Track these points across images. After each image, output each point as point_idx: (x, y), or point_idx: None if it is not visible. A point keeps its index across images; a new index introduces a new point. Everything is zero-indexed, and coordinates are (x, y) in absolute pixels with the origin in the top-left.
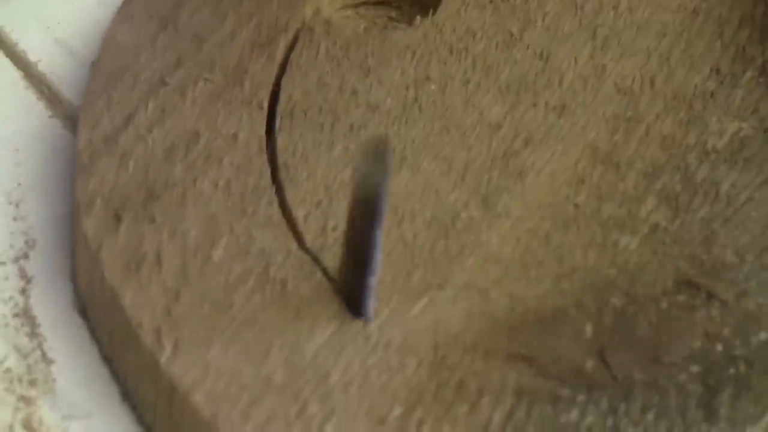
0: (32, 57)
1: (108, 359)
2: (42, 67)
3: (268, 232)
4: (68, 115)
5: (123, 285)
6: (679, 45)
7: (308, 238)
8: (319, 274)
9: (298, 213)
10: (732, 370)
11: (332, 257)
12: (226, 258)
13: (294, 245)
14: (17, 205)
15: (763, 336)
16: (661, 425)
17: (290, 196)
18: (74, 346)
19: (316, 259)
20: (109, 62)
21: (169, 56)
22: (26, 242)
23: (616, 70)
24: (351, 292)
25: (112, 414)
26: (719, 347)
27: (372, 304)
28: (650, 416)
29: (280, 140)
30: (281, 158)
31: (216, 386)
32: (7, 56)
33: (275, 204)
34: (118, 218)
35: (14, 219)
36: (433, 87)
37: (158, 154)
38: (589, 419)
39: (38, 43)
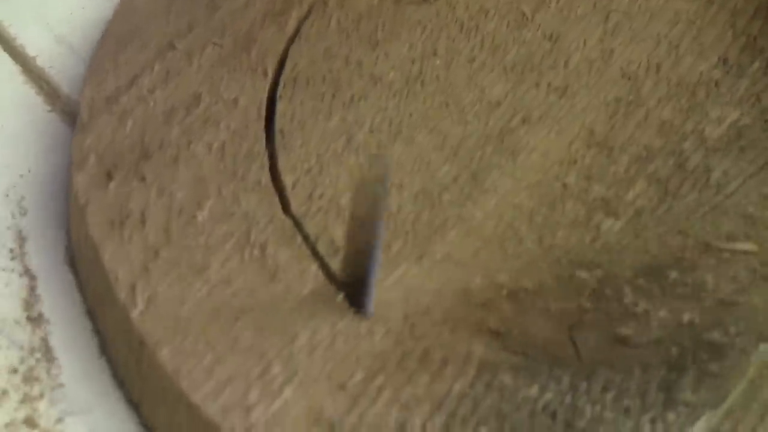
0: (31, 51)
1: (91, 312)
2: (41, 61)
3: (255, 196)
4: (67, 109)
5: (105, 240)
6: (690, 33)
7: (294, 204)
8: (299, 240)
9: (287, 179)
10: (699, 356)
11: (315, 224)
12: (210, 220)
13: (279, 210)
14: (16, 199)
15: (733, 323)
16: (619, 405)
17: (282, 162)
18: (78, 342)
19: (298, 225)
20: (121, 24)
21: (182, 21)
22: (24, 236)
23: (624, 54)
24: (352, 286)
25: (111, 409)
26: (689, 332)
27: (373, 299)
28: (609, 396)
29: (280, 107)
30: (279, 124)
31: (183, 344)
32: (5, 51)
33: (266, 169)
34: (109, 176)
35: (13, 213)
36: (438, 62)
37: (158, 115)
38: (548, 395)
39: (37, 38)
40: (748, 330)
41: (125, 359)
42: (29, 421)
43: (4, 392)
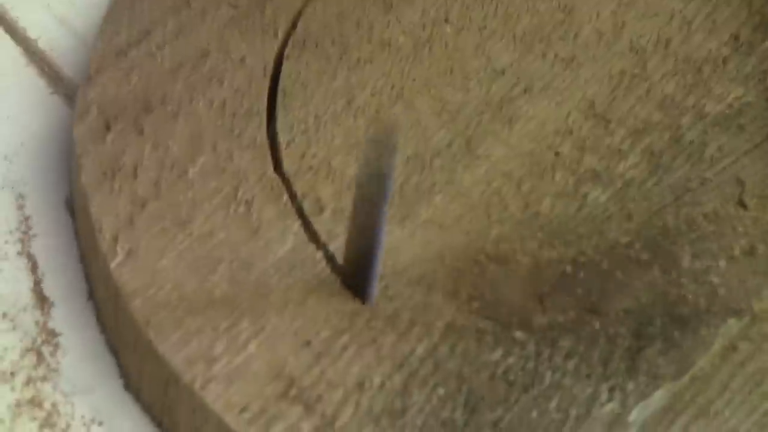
0: (32, 34)
1: (83, 259)
2: (42, 44)
3: (249, 153)
4: (69, 92)
5: (95, 190)
6: (704, 9)
7: (286, 163)
8: (285, 198)
9: (283, 138)
10: (666, 327)
11: (304, 183)
12: (201, 175)
13: (270, 168)
14: (19, 183)
15: (704, 297)
16: (580, 373)
17: (280, 121)
18: (81, 327)
19: (287, 184)
20: None
21: None
22: (28, 222)
23: (635, 28)
24: (354, 275)
25: (112, 389)
26: (660, 304)
27: (374, 288)
28: (571, 364)
29: (286, 67)
30: (282, 84)
31: (157, 294)
32: (7, 33)
33: (263, 127)
34: (107, 127)
35: (15, 196)
36: (448, 29)
37: (164, 71)
38: (510, 360)
39: (38, 21)
40: (718, 305)
41: (105, 307)
42: (35, 401)
43: (13, 374)
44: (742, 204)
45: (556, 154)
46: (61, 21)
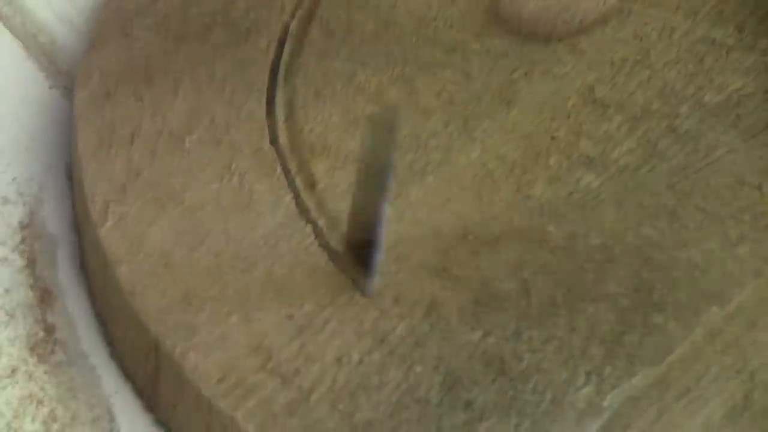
0: (31, 29)
1: (78, 230)
2: (41, 38)
3: (246, 126)
4: (68, 86)
5: (91, 157)
6: (711, 0)
7: (282, 138)
8: (279, 171)
9: (281, 113)
10: (648, 313)
11: (298, 157)
12: (197, 146)
13: (266, 142)
14: (18, 177)
15: (690, 286)
16: (559, 357)
17: (279, 96)
18: (82, 323)
19: (282, 158)
20: None
21: None
22: (28, 214)
23: (642, 16)
24: (355, 266)
25: (115, 385)
26: (644, 290)
27: (375, 280)
28: (550, 347)
29: (290, 43)
30: (284, 59)
31: (143, 263)
32: (6, 28)
33: (263, 102)
34: (107, 95)
35: (15, 190)
36: (454, 10)
37: (168, 41)
38: (490, 341)
39: (38, 15)
40: (702, 292)
41: (94, 276)
42: (36, 397)
43: (14, 370)
44: (734, 193)
45: (552, 138)
46: (61, 16)
